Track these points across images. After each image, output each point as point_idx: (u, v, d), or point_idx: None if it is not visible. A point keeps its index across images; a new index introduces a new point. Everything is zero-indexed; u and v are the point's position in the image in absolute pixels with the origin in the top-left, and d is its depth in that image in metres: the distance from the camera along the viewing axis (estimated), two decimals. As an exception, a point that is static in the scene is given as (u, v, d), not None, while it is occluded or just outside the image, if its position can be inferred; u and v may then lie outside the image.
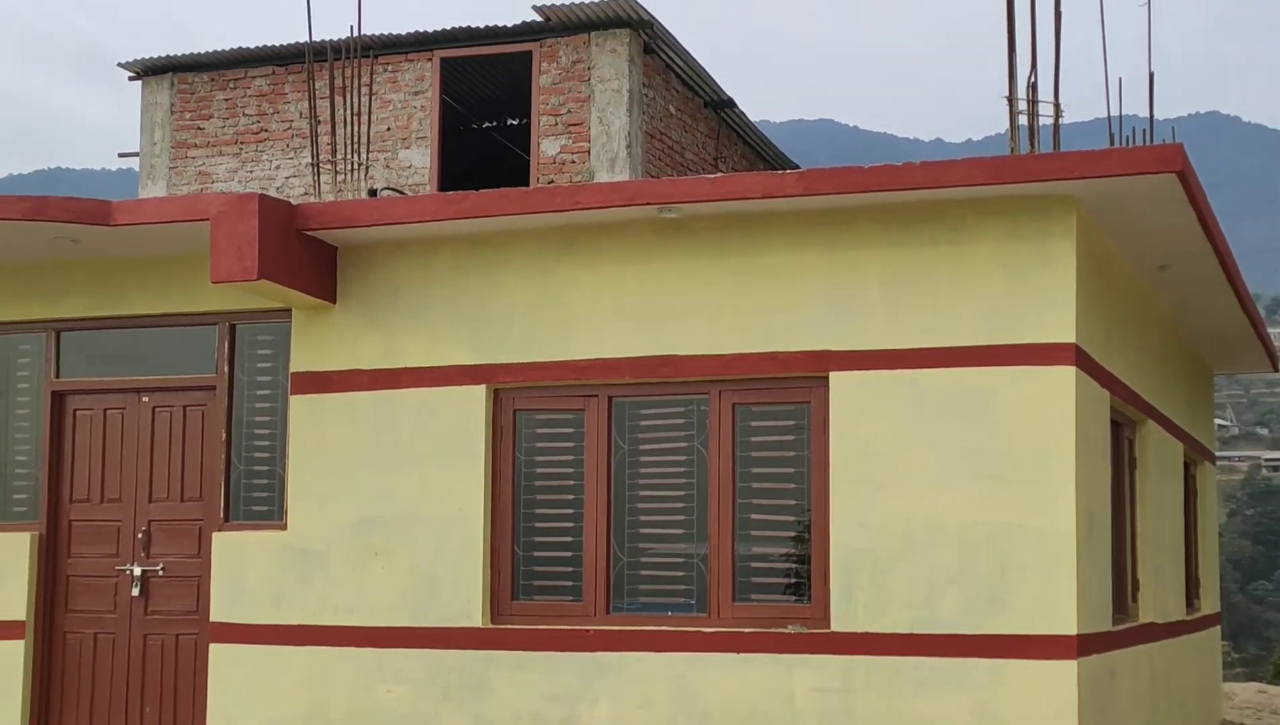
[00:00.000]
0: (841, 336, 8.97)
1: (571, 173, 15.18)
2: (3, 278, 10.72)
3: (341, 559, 9.78)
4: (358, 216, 9.65)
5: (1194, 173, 8.59)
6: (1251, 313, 12.80)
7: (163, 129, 16.80)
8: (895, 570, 8.72)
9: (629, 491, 9.51)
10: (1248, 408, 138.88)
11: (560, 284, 9.57)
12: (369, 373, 9.87)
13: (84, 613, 10.55)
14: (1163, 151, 8.31)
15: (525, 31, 15.60)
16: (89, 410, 10.71)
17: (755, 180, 8.95)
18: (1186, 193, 8.59)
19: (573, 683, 9.23)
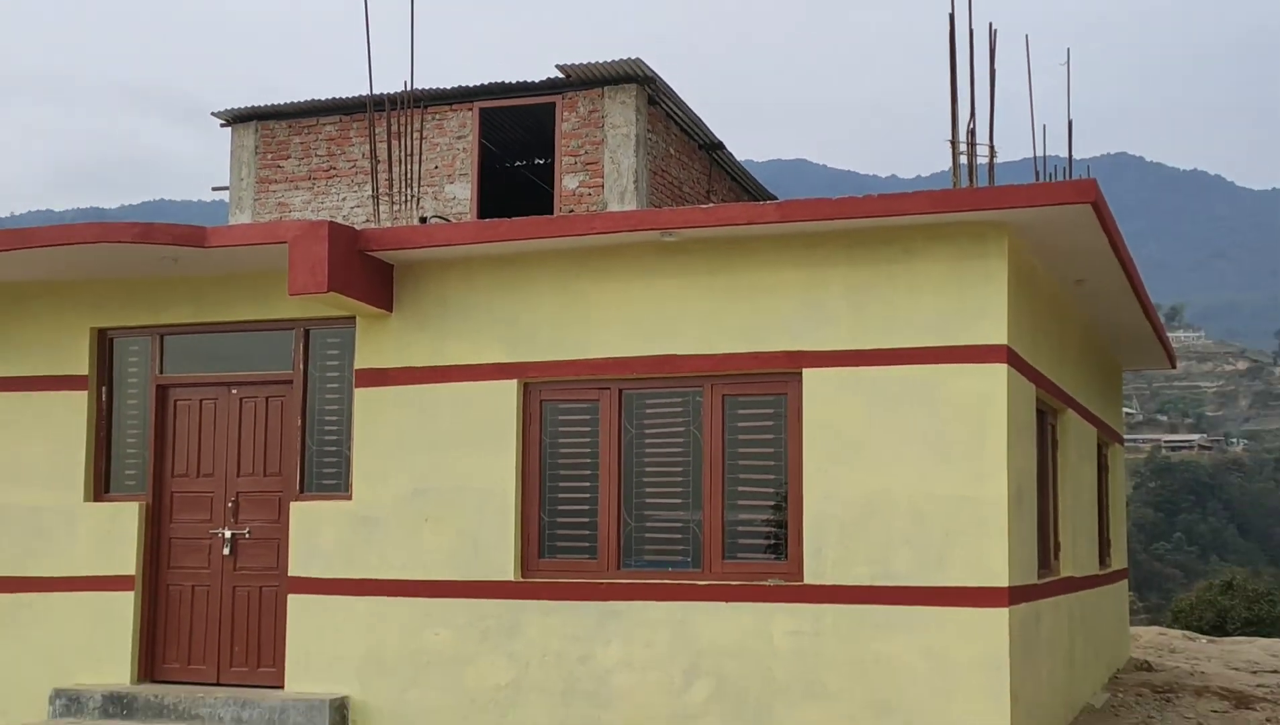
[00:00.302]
0: (812, 339, 9.01)
1: (588, 203, 15.21)
2: (117, 291, 10.71)
3: (397, 524, 9.81)
4: (410, 240, 9.68)
5: (1105, 203, 8.65)
6: (1153, 320, 12.84)
7: (248, 167, 16.82)
8: (857, 533, 8.76)
9: (635, 468, 9.55)
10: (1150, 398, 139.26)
11: (579, 296, 9.61)
12: (420, 369, 9.90)
13: (183, 569, 10.55)
14: (1080, 186, 8.36)
15: (550, 86, 15.65)
16: (187, 400, 10.71)
17: (741, 210, 9.00)
18: (1099, 220, 8.64)
19: (589, 626, 9.27)
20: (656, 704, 9.04)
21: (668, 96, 15.79)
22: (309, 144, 16.68)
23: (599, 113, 15.35)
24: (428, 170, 15.37)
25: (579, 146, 15.46)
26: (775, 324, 9.12)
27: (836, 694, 8.65)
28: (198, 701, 9.81)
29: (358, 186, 16.09)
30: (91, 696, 10.03)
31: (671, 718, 8.99)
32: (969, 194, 8.49)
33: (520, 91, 15.83)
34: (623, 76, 15.25)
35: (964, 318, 8.68)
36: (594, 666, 9.21)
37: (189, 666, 10.41)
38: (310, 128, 16.73)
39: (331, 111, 16.60)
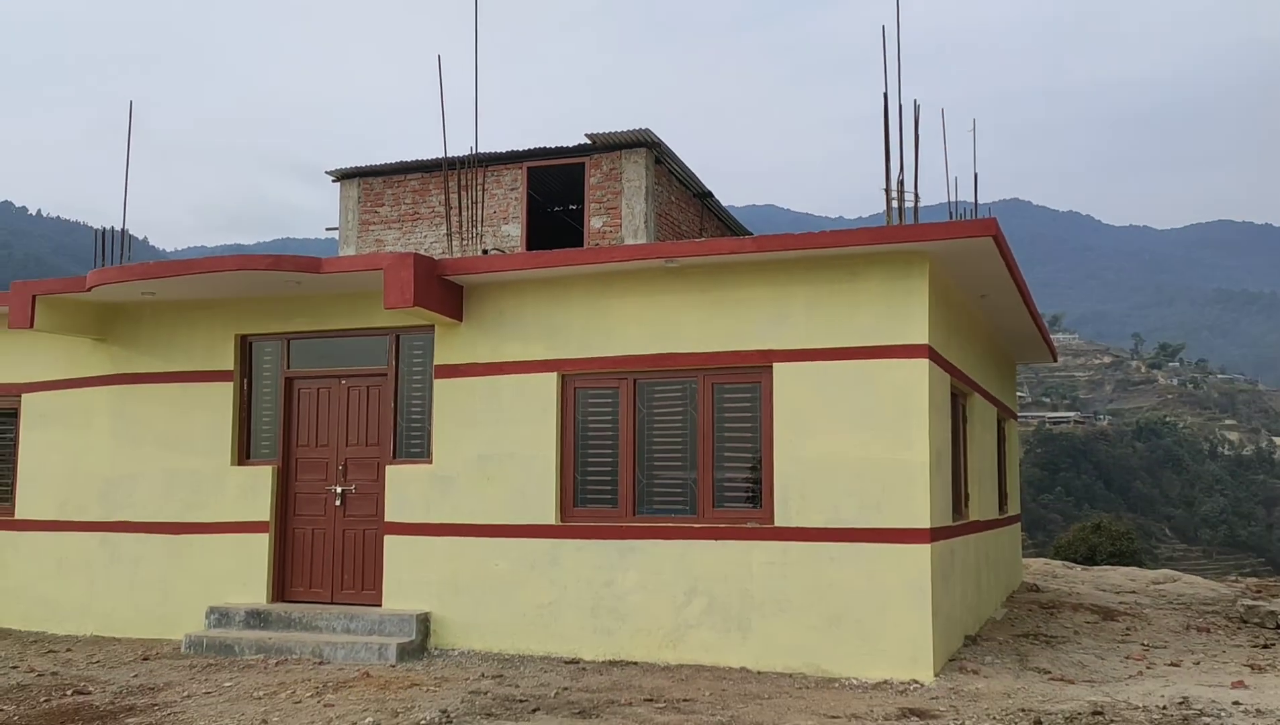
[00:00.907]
0: (779, 340, 8.99)
1: (609, 239, 15.16)
2: (255, 306, 10.72)
3: (467, 481, 9.81)
4: (476, 267, 9.67)
5: (1003, 237, 8.61)
6: (1039, 325, 12.78)
7: (353, 213, 16.80)
8: (814, 487, 8.75)
9: (646, 439, 9.53)
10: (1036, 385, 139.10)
11: (604, 308, 9.59)
12: (483, 364, 9.90)
13: (305, 516, 10.55)
14: (984, 223, 8.32)
15: (580, 150, 15.59)
16: (308, 389, 10.70)
17: (726, 243, 8.96)
18: (998, 249, 8.61)
19: (612, 559, 9.27)
20: (663, 616, 9.04)
21: (670, 157, 15.75)
22: (398, 194, 16.66)
23: (617, 170, 15.32)
24: (488, 214, 15.38)
25: (602, 196, 15.43)
26: (751, 329, 9.10)
27: (800, 608, 8.64)
28: (317, 616, 9.83)
29: (435, 227, 16.08)
30: (237, 612, 10.06)
31: (675, 627, 8.99)
32: (899, 230, 8.45)
33: (558, 154, 15.80)
34: (636, 142, 15.22)
35: (895, 323, 8.65)
36: (616, 589, 9.21)
37: (310, 590, 10.40)
38: (399, 182, 16.71)
39: (415, 170, 16.56)
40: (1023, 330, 13.01)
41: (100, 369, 11.20)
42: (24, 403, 11.56)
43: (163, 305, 10.95)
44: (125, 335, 11.12)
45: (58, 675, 8.78)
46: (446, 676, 8.44)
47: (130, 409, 11.02)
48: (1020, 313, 11.66)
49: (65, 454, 11.27)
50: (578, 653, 9.21)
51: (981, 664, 8.96)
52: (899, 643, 8.34)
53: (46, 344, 11.41)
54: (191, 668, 8.99)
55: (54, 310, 10.55)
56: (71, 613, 10.95)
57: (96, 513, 11.02)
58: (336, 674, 8.52)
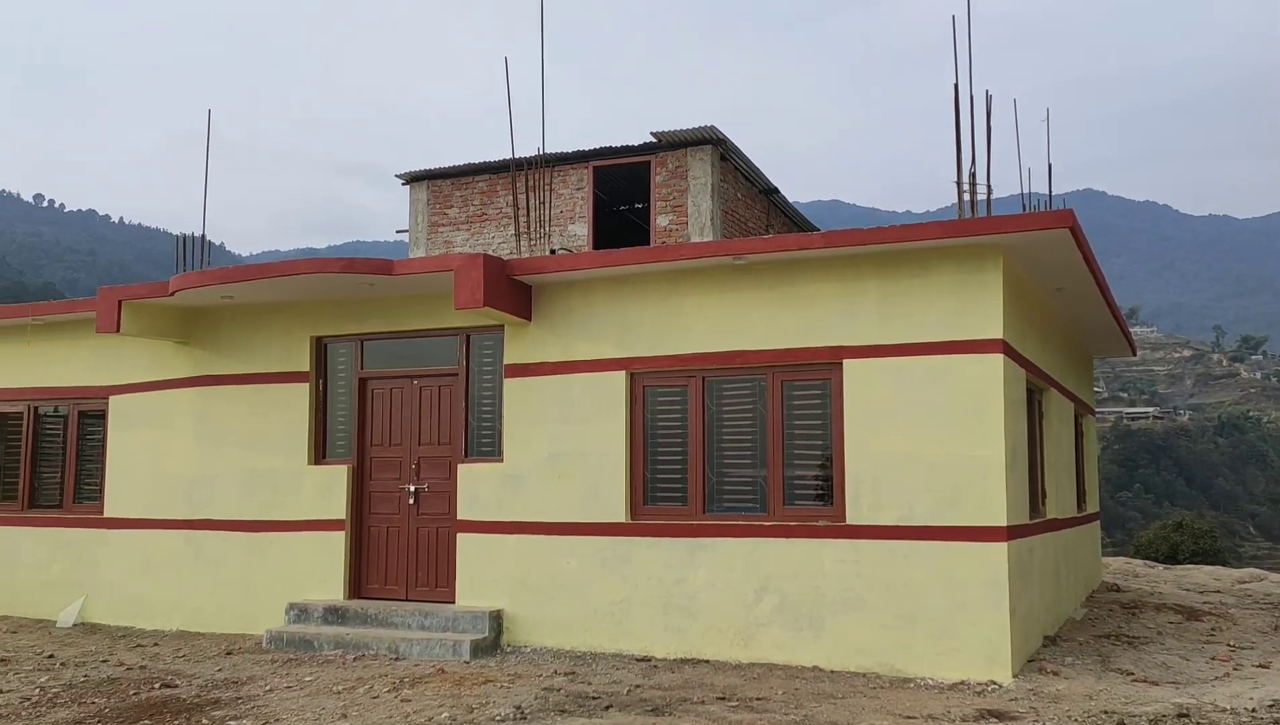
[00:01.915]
0: (850, 337, 8.89)
1: (676, 237, 15.14)
2: (329, 308, 10.90)
3: (537, 480, 9.87)
4: (544, 267, 9.71)
5: (1081, 228, 8.40)
6: (1118, 318, 12.46)
7: (422, 215, 17.00)
8: (886, 484, 8.64)
9: (715, 436, 9.49)
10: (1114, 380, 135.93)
11: (672, 306, 9.57)
12: (552, 363, 9.94)
13: (380, 514, 10.68)
14: (1061, 215, 8.13)
15: (646, 149, 15.57)
16: (381, 389, 10.84)
17: (795, 239, 8.89)
18: (1075, 241, 8.41)
19: (682, 556, 9.25)
20: (734, 615, 9.00)
21: (735, 154, 15.66)
22: (467, 196, 16.81)
23: (683, 168, 15.28)
24: (555, 214, 15.43)
25: (668, 194, 15.41)
26: (821, 325, 9.01)
27: (873, 607, 8.54)
28: (392, 612, 9.97)
29: (503, 227, 16.21)
30: (315, 608, 10.25)
31: (746, 625, 8.94)
32: (973, 223, 8.29)
33: (623, 153, 15.80)
34: (701, 140, 15.16)
35: (968, 318, 8.50)
36: (686, 587, 9.19)
37: (385, 587, 10.53)
38: (468, 184, 16.85)
39: (483, 172, 16.69)
40: (1100, 324, 12.69)
41: (183, 371, 11.50)
42: (112, 404, 11.92)
43: (241, 308, 11.19)
44: (206, 338, 11.40)
45: (146, 669, 9.04)
46: (520, 673, 8.51)
47: (211, 410, 11.29)
48: (1098, 306, 11.38)
49: (151, 454, 11.59)
50: (649, 650, 9.21)
51: (1062, 665, 8.76)
52: (976, 643, 8.19)
53: (132, 348, 11.75)
54: (273, 662, 9.19)
55: (139, 315, 10.85)
56: (158, 608, 11.27)
57: (181, 511, 11.32)
58: (412, 670, 8.64)
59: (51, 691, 8.14)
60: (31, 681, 8.54)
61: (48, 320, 12.11)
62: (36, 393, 12.39)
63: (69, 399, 12.27)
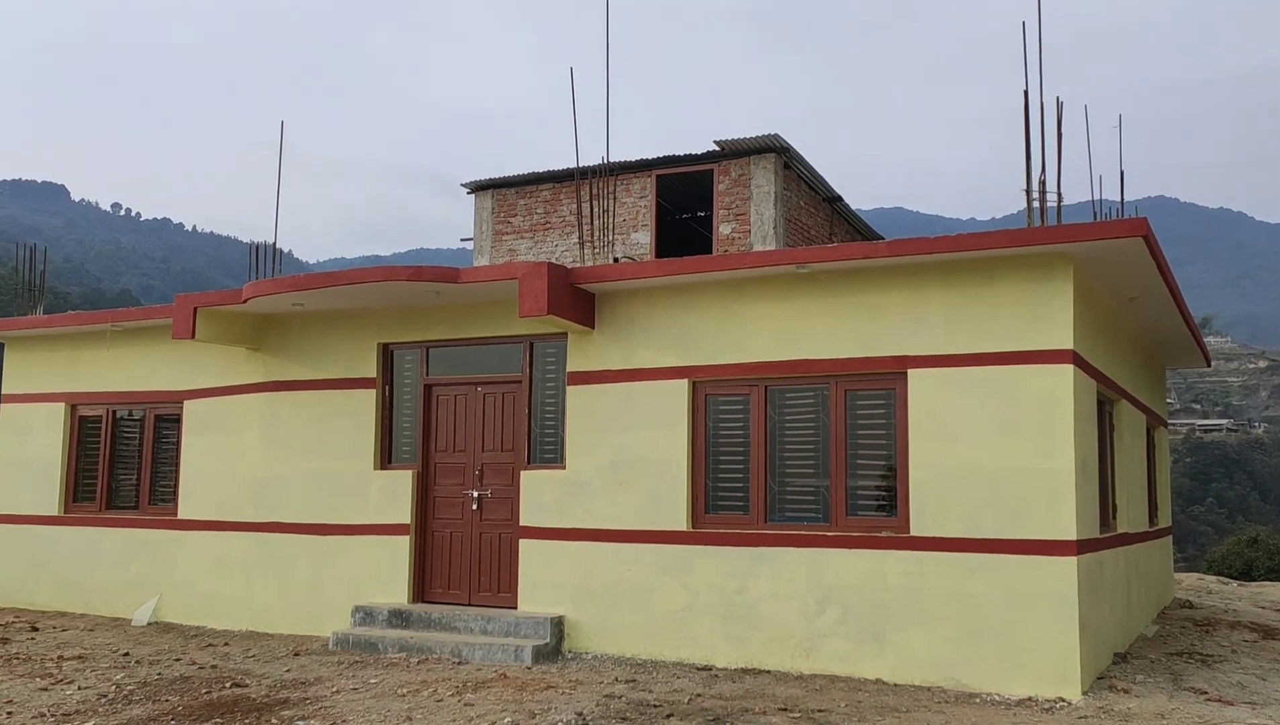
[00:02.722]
0: (915, 346, 8.79)
1: (738, 245, 15.11)
2: (396, 315, 11.06)
3: (599, 487, 9.90)
4: (607, 275, 9.75)
5: (1155, 237, 8.22)
6: (1191, 328, 12.15)
7: (487, 224, 17.17)
8: (951, 495, 8.51)
9: (777, 446, 9.44)
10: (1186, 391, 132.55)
11: (734, 315, 9.55)
12: (615, 371, 9.97)
13: (444, 519, 10.79)
14: (1134, 223, 7.95)
15: (709, 157, 15.58)
16: (446, 395, 10.96)
17: (859, 247, 8.81)
18: (1150, 250, 8.22)
19: (744, 566, 9.21)
20: (796, 625, 8.93)
21: (799, 162, 15.59)
22: (531, 205, 16.94)
23: (746, 176, 15.25)
24: (618, 222, 15.50)
25: (731, 202, 15.38)
26: (885, 335, 8.93)
27: (938, 620, 8.42)
28: (455, 616, 10.06)
29: (566, 236, 16.32)
30: (380, 611, 10.39)
31: (808, 636, 8.87)
32: (1044, 231, 8.14)
33: (686, 162, 15.82)
34: (764, 148, 15.12)
35: (1037, 328, 8.35)
36: (748, 596, 9.15)
37: (448, 591, 10.64)
38: (532, 193, 16.99)
39: (547, 181, 16.83)
40: (1173, 334, 12.38)
41: (253, 377, 11.75)
42: (186, 409, 12.21)
43: (311, 315, 11.40)
44: (276, 344, 11.63)
45: (217, 668, 9.23)
46: (581, 679, 8.53)
47: (280, 415, 11.51)
48: (1171, 315, 11.10)
49: (222, 457, 11.86)
50: (710, 659, 9.18)
51: (1132, 683, 8.55)
52: (1044, 658, 8.03)
53: (206, 354, 12.04)
54: (339, 664, 9.33)
55: (213, 321, 11.11)
56: (229, 609, 11.51)
57: (251, 514, 11.56)
58: (475, 674, 8.71)
59: (127, 688, 8.36)
60: (108, 678, 8.77)
61: (126, 326, 12.46)
62: (115, 397, 12.75)
63: (145, 403, 12.60)
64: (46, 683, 8.58)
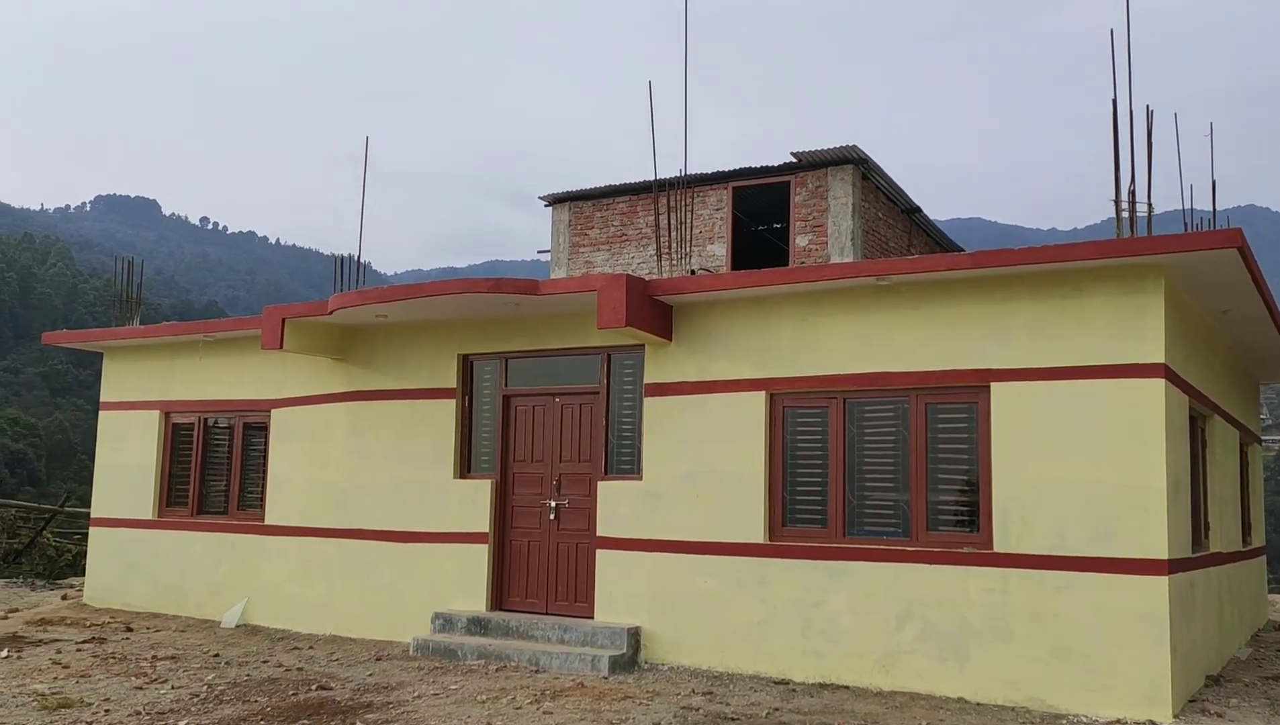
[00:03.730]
0: (999, 359, 8.63)
1: (815, 257, 14.99)
2: (475, 327, 11.20)
3: (676, 498, 9.90)
4: (685, 287, 9.76)
5: (1249, 248, 7.96)
6: (1289, 341, 11.72)
7: (564, 236, 17.32)
8: (1037, 512, 8.33)
9: (856, 459, 9.35)
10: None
11: (812, 327, 9.49)
12: (691, 383, 9.98)
13: (522, 528, 10.89)
14: (1229, 234, 7.71)
15: (786, 169, 15.49)
16: (524, 406, 11.06)
17: (941, 259, 8.69)
18: (1244, 261, 7.97)
19: (822, 580, 9.13)
20: (874, 641, 8.82)
21: (877, 173, 15.43)
22: (607, 217, 17.05)
23: (824, 187, 15.14)
24: (695, 234, 15.52)
25: (808, 214, 15.28)
26: (968, 347, 8.79)
27: (1022, 639, 8.23)
28: (533, 625, 10.14)
29: (642, 248, 16.38)
30: (459, 618, 10.51)
31: (888, 652, 8.75)
32: (1134, 242, 7.93)
33: (763, 174, 15.76)
34: (842, 159, 15.00)
35: (1127, 342, 8.14)
36: (826, 610, 9.06)
37: (525, 600, 10.73)
38: (608, 205, 17.09)
39: (623, 193, 16.90)
40: (1268, 347, 11.95)
41: (338, 386, 12.01)
42: (273, 417, 12.53)
43: (393, 327, 11.62)
44: (360, 355, 11.88)
45: (302, 671, 9.44)
46: (658, 690, 8.53)
47: (363, 424, 11.74)
48: (1265, 328, 10.72)
49: (307, 465, 12.13)
50: (787, 673, 9.11)
51: (1226, 706, 8.26)
52: (1134, 680, 7.80)
53: (293, 364, 12.35)
54: (419, 669, 9.46)
55: (300, 332, 11.39)
56: (313, 613, 11.76)
57: (334, 520, 11.80)
58: (552, 683, 8.77)
59: (218, 688, 8.59)
60: (200, 679, 9.03)
61: (218, 337, 12.84)
62: (206, 405, 13.14)
63: (235, 412, 12.96)
64: (142, 681, 8.86)
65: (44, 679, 8.93)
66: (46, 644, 10.71)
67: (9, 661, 9.79)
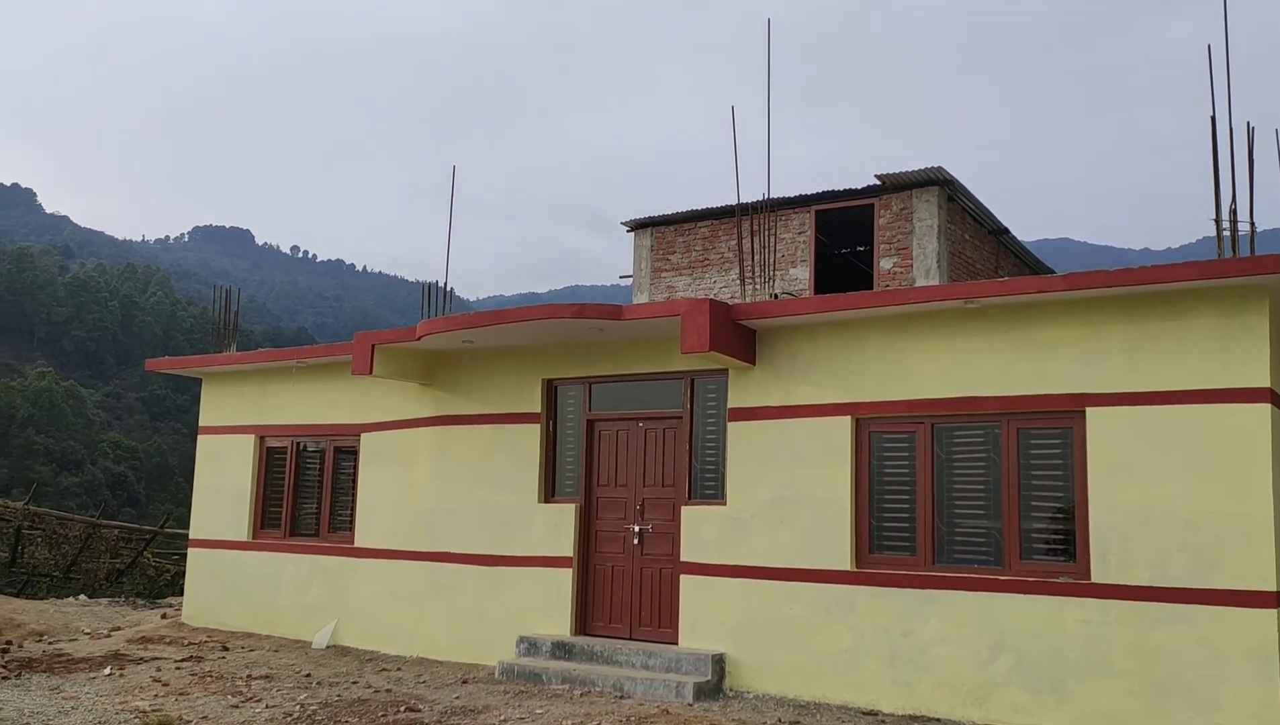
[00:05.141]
0: (1093, 383, 8.42)
1: (900, 280, 14.83)
2: (559, 352, 11.31)
3: (760, 524, 9.84)
4: (768, 311, 9.73)
5: (1361, 265, 7.64)
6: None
7: (646, 261, 17.41)
8: (1136, 541, 8.08)
9: (945, 485, 9.18)
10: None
11: (899, 351, 9.38)
12: (776, 407, 9.92)
13: (606, 553, 10.92)
14: (1336, 251, 7.42)
15: (869, 191, 15.38)
16: (608, 431, 11.12)
17: (1033, 281, 8.52)
18: (1355, 280, 7.65)
19: (911, 608, 8.97)
20: (967, 672, 8.62)
21: (963, 194, 15.22)
22: (689, 242, 17.09)
23: (908, 210, 14.98)
24: (777, 258, 15.47)
25: (892, 236, 15.12)
26: (1061, 371, 8.59)
27: (1122, 673, 7.97)
28: (617, 650, 10.15)
29: (725, 272, 16.39)
30: (544, 642, 10.57)
31: (980, 684, 8.54)
32: (1237, 262, 7.67)
33: (846, 196, 15.65)
34: (927, 181, 14.83)
35: (1230, 365, 7.87)
36: (915, 639, 8.89)
37: (609, 624, 10.74)
38: (690, 230, 17.14)
39: (704, 218, 16.94)
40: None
41: (424, 411, 12.23)
42: (362, 441, 12.82)
43: (479, 352, 11.81)
44: (446, 380, 12.09)
45: (391, 692, 9.58)
46: (744, 719, 8.46)
47: (449, 448, 11.93)
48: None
49: (395, 489, 12.37)
50: (876, 704, 8.95)
51: (1345, 749, 7.86)
52: (1241, 717, 7.49)
53: (381, 389, 12.62)
54: (505, 693, 9.54)
55: (389, 358, 11.64)
56: (400, 635, 11.94)
57: (421, 543, 11.99)
58: (637, 709, 8.75)
59: (310, 708, 8.77)
60: (293, 698, 9.23)
61: (310, 363, 13.20)
62: (298, 429, 13.50)
63: (326, 436, 13.28)
64: (237, 700, 9.10)
65: (145, 696, 9.23)
66: (147, 662, 11.07)
67: (112, 679, 10.14)
